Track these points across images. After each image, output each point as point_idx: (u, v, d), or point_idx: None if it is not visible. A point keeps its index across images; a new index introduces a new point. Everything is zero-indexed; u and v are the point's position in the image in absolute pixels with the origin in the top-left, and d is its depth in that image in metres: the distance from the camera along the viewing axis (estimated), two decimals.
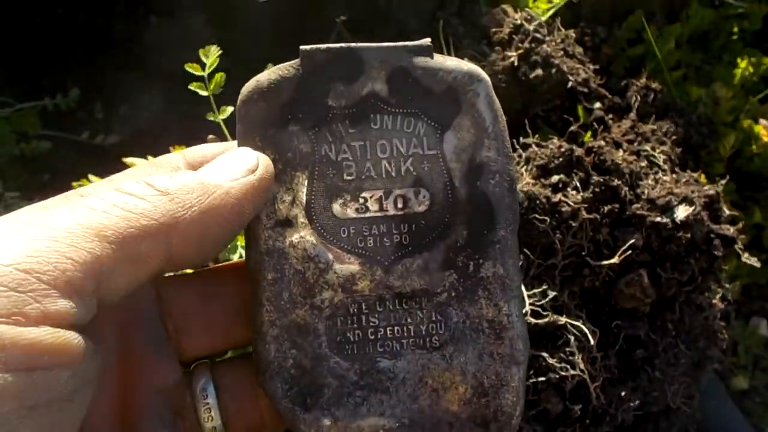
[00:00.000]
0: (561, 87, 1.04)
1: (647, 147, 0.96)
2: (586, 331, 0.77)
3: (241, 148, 0.41)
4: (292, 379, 0.40)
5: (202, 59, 0.79)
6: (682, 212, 0.82)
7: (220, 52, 0.79)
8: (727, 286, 0.90)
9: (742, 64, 1.20)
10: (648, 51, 1.18)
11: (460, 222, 0.41)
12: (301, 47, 0.42)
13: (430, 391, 0.40)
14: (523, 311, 0.43)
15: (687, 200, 0.83)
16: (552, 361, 0.76)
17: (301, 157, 0.41)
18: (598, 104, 1.06)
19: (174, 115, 1.34)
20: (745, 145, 1.15)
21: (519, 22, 1.07)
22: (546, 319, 0.77)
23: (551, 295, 0.77)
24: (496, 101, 0.43)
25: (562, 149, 0.84)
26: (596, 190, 0.81)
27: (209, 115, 0.82)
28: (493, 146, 0.42)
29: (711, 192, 0.89)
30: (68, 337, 0.31)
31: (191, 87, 0.81)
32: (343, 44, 0.42)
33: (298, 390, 0.40)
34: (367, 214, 0.41)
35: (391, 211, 0.41)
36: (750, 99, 1.17)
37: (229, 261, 0.72)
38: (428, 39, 0.43)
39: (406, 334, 0.41)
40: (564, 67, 1.04)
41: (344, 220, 0.41)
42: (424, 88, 0.42)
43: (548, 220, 0.78)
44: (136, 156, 0.87)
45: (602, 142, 0.88)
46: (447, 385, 0.40)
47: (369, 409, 0.40)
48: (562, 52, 1.06)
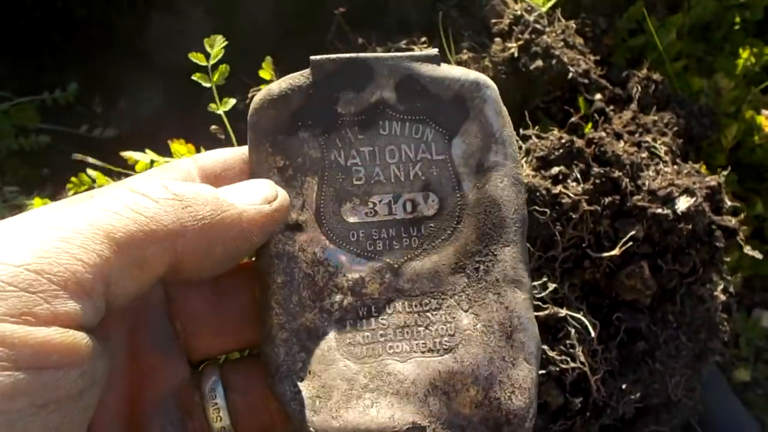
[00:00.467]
0: (561, 78, 1.03)
1: (648, 138, 0.95)
2: (586, 323, 0.77)
3: (264, 180, 0.41)
4: (301, 382, 0.40)
5: (207, 49, 0.79)
6: (683, 203, 0.82)
7: (226, 43, 0.78)
8: (729, 277, 0.89)
9: (744, 55, 1.19)
10: (649, 42, 1.17)
11: (469, 225, 0.41)
12: (312, 58, 0.43)
13: (440, 394, 0.40)
14: (534, 313, 0.43)
15: (688, 191, 0.83)
16: (552, 354, 0.76)
17: (311, 163, 0.42)
18: (598, 95, 1.05)
19: (173, 109, 1.34)
20: (747, 136, 1.14)
21: (519, 13, 1.06)
22: (546, 312, 0.77)
23: (551, 287, 0.77)
24: (503, 107, 0.43)
25: (563, 141, 0.84)
26: (597, 181, 0.81)
27: (211, 106, 0.81)
28: (500, 150, 0.42)
29: (712, 183, 0.89)
30: (77, 337, 0.31)
31: (195, 77, 0.80)
32: (353, 54, 0.43)
33: (307, 393, 0.40)
34: (376, 218, 0.42)
35: (400, 215, 0.42)
36: (752, 89, 1.16)
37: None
38: (436, 49, 0.44)
39: (416, 336, 0.41)
40: (564, 58, 1.03)
41: (354, 224, 0.42)
42: (431, 95, 0.42)
43: (548, 212, 0.78)
44: (136, 150, 0.86)
45: (603, 134, 0.88)
46: (458, 388, 0.40)
47: (378, 412, 0.39)
48: (562, 43, 1.05)
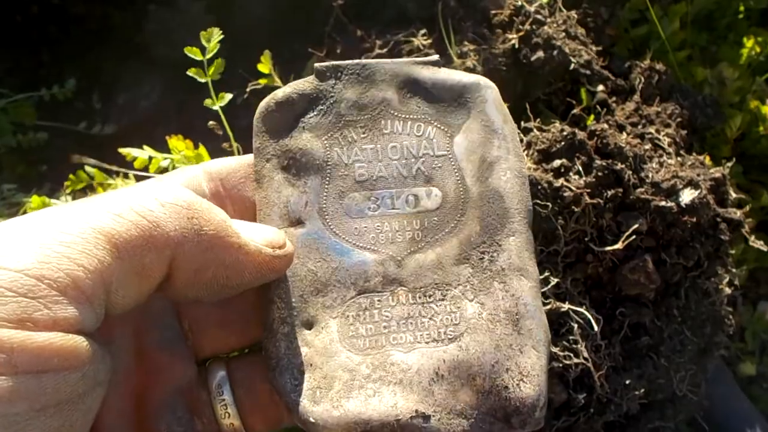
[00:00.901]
0: (563, 69, 1.02)
1: (651, 130, 0.94)
2: (589, 317, 0.76)
3: (277, 230, 0.41)
4: (302, 375, 0.40)
5: (203, 43, 0.78)
6: (687, 196, 0.80)
7: (222, 37, 0.77)
8: (734, 270, 0.88)
9: (749, 44, 1.17)
10: (652, 32, 1.15)
11: (473, 217, 0.42)
12: (315, 65, 0.44)
13: (446, 383, 0.39)
14: (541, 300, 0.43)
15: (692, 183, 0.81)
16: (555, 350, 0.75)
17: (315, 161, 0.43)
18: (601, 87, 1.04)
19: (172, 104, 1.33)
20: (751, 126, 1.13)
21: (520, 3, 1.05)
22: (549, 307, 0.76)
23: (553, 282, 0.76)
24: (504, 106, 0.44)
25: (564, 133, 0.83)
26: (599, 174, 0.80)
27: (207, 101, 0.80)
28: (503, 145, 0.42)
29: (717, 175, 0.87)
30: (77, 340, 0.31)
31: (189, 72, 0.79)
32: (356, 61, 0.44)
33: (308, 385, 0.39)
34: (379, 213, 0.42)
35: (403, 209, 0.42)
36: (757, 79, 1.15)
37: None
38: (437, 55, 0.45)
39: (420, 327, 0.40)
40: (566, 48, 1.01)
41: (356, 219, 0.42)
42: (433, 96, 0.43)
43: (550, 206, 0.76)
44: (134, 146, 0.85)
45: (605, 125, 0.87)
46: (463, 377, 0.39)
47: (381, 401, 0.38)
48: (563, 34, 1.04)
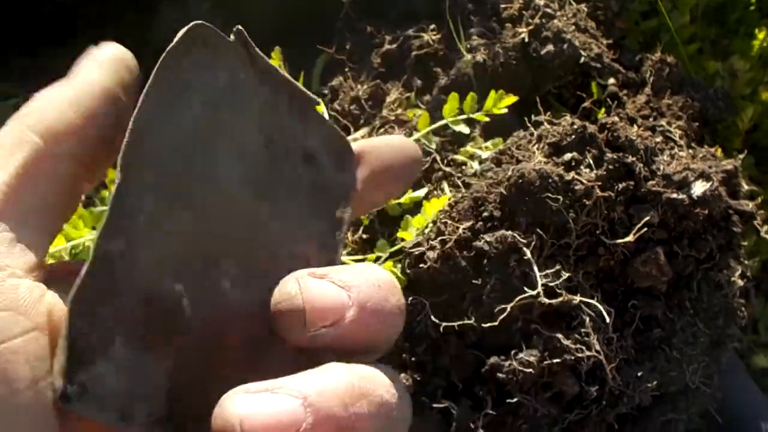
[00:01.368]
0: (573, 63, 1.01)
1: (663, 122, 0.93)
2: (601, 309, 0.76)
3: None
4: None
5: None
6: (699, 188, 0.80)
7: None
8: (747, 262, 0.88)
9: (760, 36, 1.17)
10: (662, 24, 1.15)
11: None
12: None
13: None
14: None
15: (704, 176, 0.81)
16: (567, 343, 0.75)
17: None
18: (611, 80, 1.04)
19: None
20: (763, 118, 1.12)
21: None
22: (560, 299, 0.76)
23: (565, 275, 0.76)
24: None
25: (575, 126, 0.83)
26: (610, 167, 0.80)
27: None
28: None
29: (729, 167, 0.87)
30: None
31: None
32: None
33: None
34: None
35: None
36: None
37: None
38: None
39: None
40: (576, 42, 1.01)
41: None
42: None
43: (561, 199, 0.76)
44: None
45: (616, 118, 0.86)
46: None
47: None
48: (573, 27, 1.04)
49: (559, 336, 0.75)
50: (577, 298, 0.75)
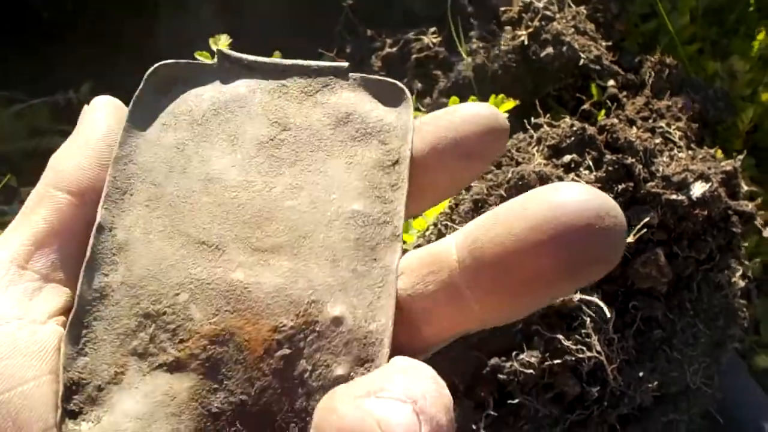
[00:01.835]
0: (573, 65, 1.02)
1: (662, 124, 0.94)
2: (604, 307, 0.76)
3: None
4: None
5: (213, 48, 0.79)
6: (698, 189, 0.80)
7: (230, 41, 0.78)
8: (747, 263, 0.88)
9: (760, 37, 1.17)
10: (662, 26, 1.15)
11: None
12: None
13: None
14: None
15: (703, 177, 0.82)
16: (568, 343, 0.75)
17: None
18: (611, 81, 1.04)
19: None
20: (763, 119, 1.12)
21: (528, 0, 1.05)
22: (560, 301, 0.76)
23: None
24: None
25: (574, 128, 0.83)
26: (610, 168, 0.80)
27: None
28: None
29: (728, 168, 0.87)
30: None
31: None
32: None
33: None
34: None
35: None
36: None
37: None
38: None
39: None
40: (575, 44, 1.02)
41: None
42: None
43: None
44: None
45: (615, 120, 0.87)
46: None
47: None
48: (573, 29, 1.04)
49: (560, 337, 0.75)
50: (577, 296, 0.76)
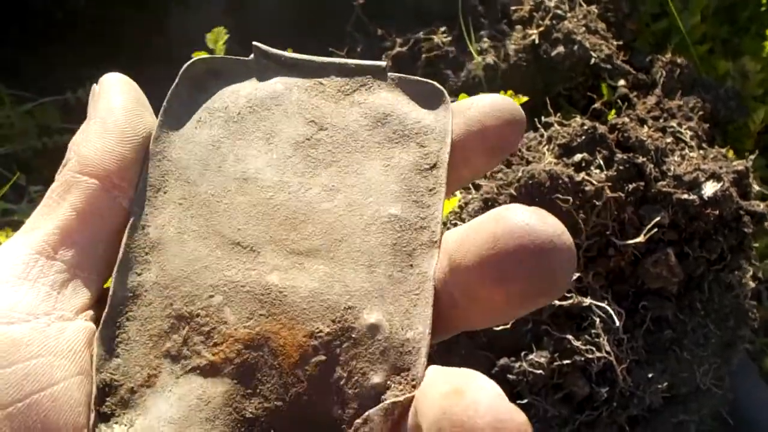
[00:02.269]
0: (583, 64, 1.02)
1: (673, 123, 0.93)
2: (611, 312, 0.76)
3: None
4: None
5: (209, 45, 0.79)
6: (709, 189, 0.80)
7: (227, 36, 0.78)
8: (758, 264, 0.88)
9: None
10: (673, 25, 1.15)
11: None
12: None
13: None
14: None
15: (715, 176, 0.81)
16: (577, 344, 0.75)
17: None
18: (622, 81, 1.04)
19: None
20: None
21: None
22: (570, 301, 0.76)
23: (575, 276, 0.76)
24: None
25: (585, 127, 0.83)
26: (620, 168, 0.80)
27: None
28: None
29: (740, 167, 0.87)
30: None
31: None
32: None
33: None
34: None
35: None
36: None
37: None
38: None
39: None
40: (586, 43, 1.01)
41: None
42: None
43: (571, 200, 0.76)
44: None
45: (626, 119, 0.86)
46: None
47: None
48: (584, 29, 1.04)
49: (570, 337, 0.75)
50: (588, 300, 0.75)
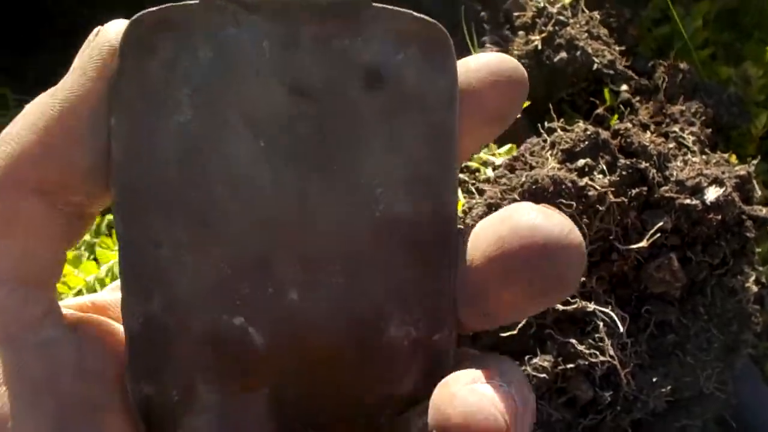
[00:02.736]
0: (586, 70, 1.02)
1: (676, 128, 0.94)
2: (614, 316, 0.76)
3: None
4: None
5: None
6: (712, 193, 0.80)
7: None
8: (761, 268, 0.88)
9: None
10: (675, 30, 1.15)
11: None
12: None
13: None
14: None
15: (717, 181, 0.81)
16: (581, 348, 0.75)
17: None
18: (624, 86, 1.04)
19: None
20: None
21: (542, 5, 1.06)
22: (574, 306, 0.76)
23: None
24: None
25: (588, 132, 0.83)
26: (623, 173, 0.80)
27: None
28: None
29: (742, 172, 0.87)
30: None
31: None
32: None
33: None
34: None
35: None
36: None
37: None
38: None
39: None
40: (589, 49, 1.02)
41: None
42: None
43: (575, 205, 0.77)
44: None
45: (629, 125, 0.87)
46: None
47: None
48: (586, 34, 1.04)
49: (573, 341, 0.75)
50: (591, 305, 0.76)
